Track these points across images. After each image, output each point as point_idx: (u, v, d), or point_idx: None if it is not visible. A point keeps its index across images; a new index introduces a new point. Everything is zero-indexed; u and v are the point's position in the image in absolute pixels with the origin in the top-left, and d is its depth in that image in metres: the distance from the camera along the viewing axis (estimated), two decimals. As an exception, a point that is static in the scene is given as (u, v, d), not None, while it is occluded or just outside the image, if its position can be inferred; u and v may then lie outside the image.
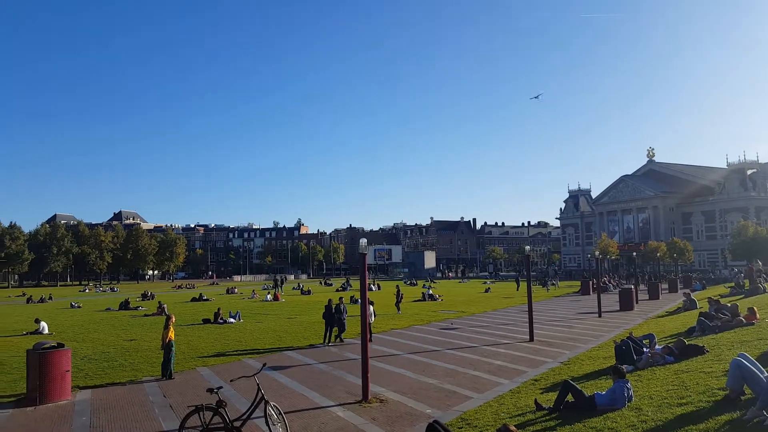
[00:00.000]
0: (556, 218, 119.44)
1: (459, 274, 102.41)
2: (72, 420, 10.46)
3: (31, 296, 51.54)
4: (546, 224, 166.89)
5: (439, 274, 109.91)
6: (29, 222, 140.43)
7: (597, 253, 36.00)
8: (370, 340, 19.41)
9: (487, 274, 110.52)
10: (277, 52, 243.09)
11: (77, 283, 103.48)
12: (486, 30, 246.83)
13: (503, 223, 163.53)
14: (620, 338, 14.83)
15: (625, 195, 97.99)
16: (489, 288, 54.52)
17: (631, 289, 33.30)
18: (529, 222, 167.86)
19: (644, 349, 13.57)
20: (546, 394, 11.25)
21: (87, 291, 71.14)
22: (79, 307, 39.92)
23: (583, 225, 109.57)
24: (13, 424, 10.25)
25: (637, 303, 32.47)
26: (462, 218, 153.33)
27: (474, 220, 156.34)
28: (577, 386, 10.21)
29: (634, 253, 54.27)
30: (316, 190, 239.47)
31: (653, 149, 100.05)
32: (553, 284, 54.94)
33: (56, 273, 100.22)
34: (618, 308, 30.54)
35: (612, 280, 55.57)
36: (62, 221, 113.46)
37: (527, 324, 20.19)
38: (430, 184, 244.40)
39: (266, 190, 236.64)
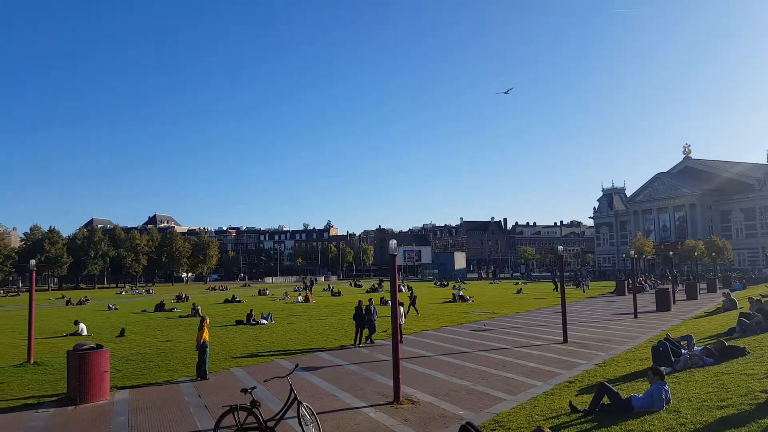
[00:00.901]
0: (590, 217, 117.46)
1: (490, 275, 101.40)
2: (111, 419, 10.72)
3: (70, 299, 53.09)
4: (579, 224, 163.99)
5: (473, 275, 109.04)
6: (67, 226, 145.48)
7: (632, 252, 35.21)
8: (401, 342, 19.40)
9: (518, 274, 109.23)
10: (307, 57, 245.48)
11: (114, 285, 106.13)
12: (519, 29, 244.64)
13: (535, 223, 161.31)
14: (657, 339, 14.53)
15: (661, 193, 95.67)
16: (521, 289, 53.81)
17: (668, 289, 32.55)
18: (561, 221, 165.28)
19: (682, 351, 13.25)
20: (581, 396, 11.06)
21: (123, 293, 72.92)
22: (116, 309, 40.96)
23: (617, 224, 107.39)
24: (55, 423, 10.55)
25: (674, 303, 31.73)
26: (492, 218, 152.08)
27: (505, 220, 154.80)
28: (613, 388, 10.01)
29: (671, 253, 52.94)
30: (346, 192, 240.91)
31: (689, 146, 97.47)
32: (585, 285, 53.93)
33: (94, 276, 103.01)
34: (654, 309, 29.86)
35: (648, 280, 54.30)
36: (99, 225, 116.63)
37: (560, 325, 19.87)
38: (460, 185, 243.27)
39: (296, 192, 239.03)
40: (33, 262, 19.11)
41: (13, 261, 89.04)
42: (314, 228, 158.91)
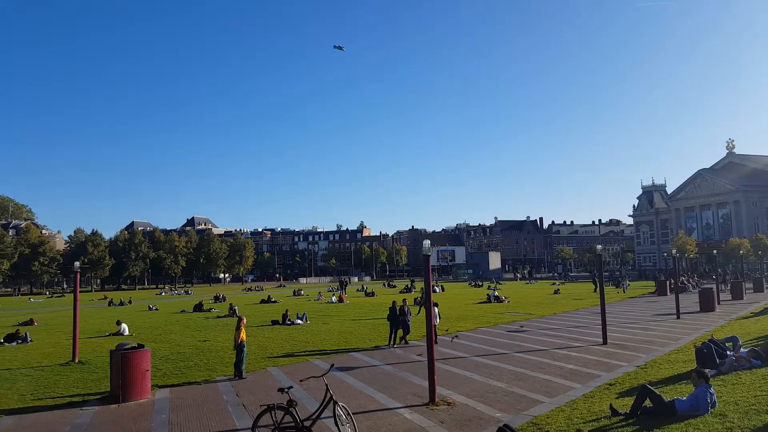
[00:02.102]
0: (629, 216, 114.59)
1: (525, 275, 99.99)
2: (152, 417, 10.97)
3: (112, 299, 54.71)
4: (618, 222, 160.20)
5: (508, 276, 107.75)
6: (109, 229, 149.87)
7: (674, 251, 34.13)
8: (436, 343, 19.30)
9: (555, 275, 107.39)
10: (336, 59, 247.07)
11: (154, 286, 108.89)
12: (557, 27, 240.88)
13: (572, 222, 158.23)
14: (701, 341, 14.09)
15: (704, 190, 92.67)
16: (558, 289, 52.82)
17: (711, 289, 31.55)
18: (599, 220, 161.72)
19: (728, 353, 12.82)
20: (622, 399, 10.80)
21: (163, 294, 74.72)
22: (156, 309, 42.02)
23: (658, 222, 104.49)
24: (99, 420, 10.86)
25: (718, 303, 30.77)
26: (528, 217, 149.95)
27: (541, 219, 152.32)
28: (656, 391, 9.74)
29: (715, 251, 51.25)
30: (378, 193, 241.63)
31: (733, 141, 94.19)
32: (625, 285, 52.61)
33: (135, 277, 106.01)
34: (698, 309, 28.97)
35: (691, 280, 52.73)
36: (139, 228, 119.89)
37: (600, 326, 19.42)
38: (494, 184, 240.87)
39: (329, 193, 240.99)
40: (77, 264, 19.75)
41: (58, 263, 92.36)
42: (347, 229, 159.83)
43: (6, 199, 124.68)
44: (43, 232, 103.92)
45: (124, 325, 25.70)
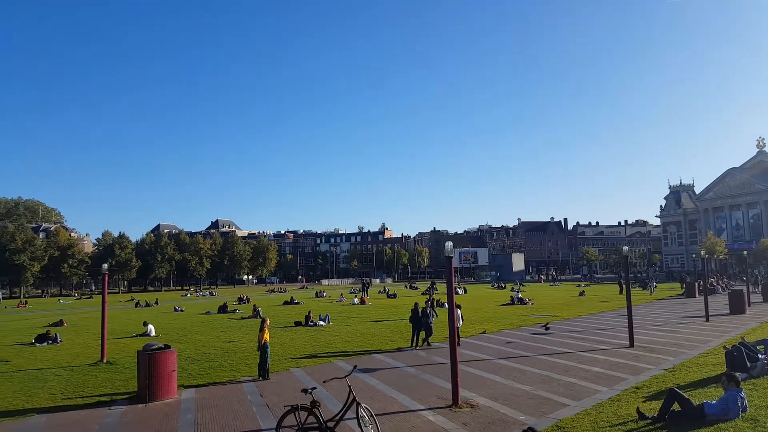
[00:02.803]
0: (656, 216, 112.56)
1: (550, 277, 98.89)
2: (178, 417, 11.12)
3: (138, 301, 55.69)
4: (645, 223, 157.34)
5: (532, 277, 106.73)
6: (136, 232, 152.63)
7: (703, 252, 33.41)
8: (459, 345, 19.20)
9: (580, 276, 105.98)
10: (361, 57, 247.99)
11: (179, 288, 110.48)
12: (581, 25, 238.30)
13: (597, 223, 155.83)
14: (731, 344, 13.78)
15: (733, 189, 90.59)
16: (583, 291, 52.07)
17: (742, 290, 30.82)
18: (626, 221, 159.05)
19: (759, 356, 12.53)
20: (649, 402, 10.62)
21: (188, 295, 75.75)
22: (181, 310, 42.64)
23: (686, 223, 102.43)
24: (127, 419, 11.06)
25: (749, 306, 30.07)
26: (552, 218, 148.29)
27: (565, 220, 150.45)
28: (684, 395, 9.56)
29: (745, 252, 50.03)
30: (400, 195, 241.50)
31: (763, 139, 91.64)
32: (652, 287, 51.68)
33: (161, 279, 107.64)
34: (728, 311, 28.32)
35: (720, 281, 51.51)
36: (165, 230, 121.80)
37: (626, 329, 19.10)
38: (517, 185, 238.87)
39: (351, 195, 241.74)
40: (105, 266, 20.14)
41: (86, 265, 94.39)
42: (369, 231, 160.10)
43: (36, 203, 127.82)
44: (72, 234, 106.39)
45: (150, 326, 26.12)
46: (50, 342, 23.42)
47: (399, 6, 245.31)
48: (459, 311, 20.23)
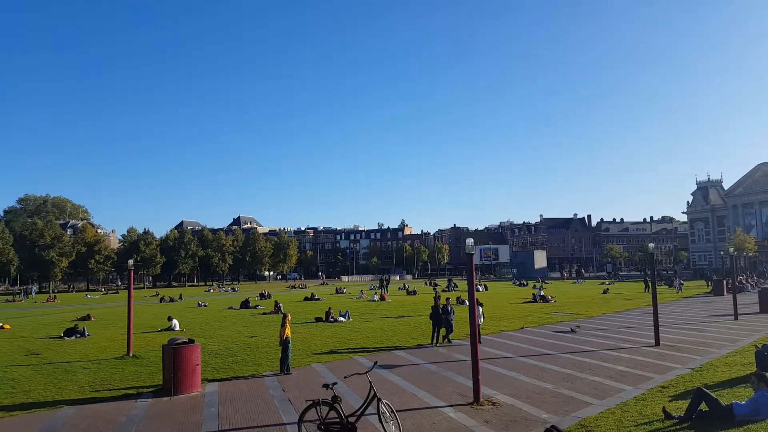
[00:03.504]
0: (683, 212, 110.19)
1: (573, 275, 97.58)
2: (202, 410, 11.27)
3: (163, 296, 56.56)
4: (671, 219, 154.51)
5: (555, 275, 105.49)
6: (160, 228, 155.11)
7: (731, 249, 32.65)
8: (480, 342, 19.08)
9: (604, 274, 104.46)
10: (383, 54, 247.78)
11: (202, 283, 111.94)
12: (611, 19, 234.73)
13: (622, 219, 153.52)
14: (761, 343, 13.46)
15: (764, 185, 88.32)
16: (607, 289, 51.35)
17: (772, 289, 30.00)
18: (651, 217, 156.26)
19: (792, 356, 12.16)
20: (675, 402, 10.44)
21: (211, 291, 76.74)
22: (205, 305, 43.18)
23: (714, 219, 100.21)
24: (153, 412, 11.24)
25: (780, 304, 29.21)
26: (575, 215, 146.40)
27: (589, 216, 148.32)
28: (712, 394, 9.37)
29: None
30: (420, 191, 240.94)
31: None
32: (679, 284, 50.68)
33: (184, 274, 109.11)
34: (757, 310, 27.73)
35: (749, 279, 50.36)
36: (188, 227, 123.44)
37: (652, 327, 18.79)
38: (539, 181, 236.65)
39: (371, 192, 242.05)
40: (131, 261, 20.48)
41: (112, 261, 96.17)
42: (389, 227, 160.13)
43: (64, 200, 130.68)
44: (99, 231, 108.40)
45: (175, 321, 26.51)
46: (78, 336, 23.91)
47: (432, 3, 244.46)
48: (480, 309, 20.12)
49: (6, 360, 18.05)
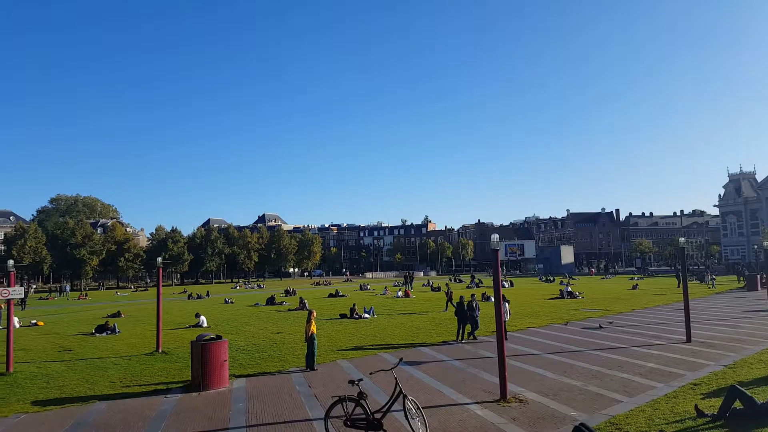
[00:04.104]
0: (714, 205, 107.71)
1: (601, 270, 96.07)
2: (230, 406, 11.41)
3: (191, 293, 57.44)
4: (702, 213, 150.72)
5: (582, 270, 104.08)
6: (187, 226, 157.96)
7: (765, 243, 31.74)
8: (506, 339, 18.90)
9: (633, 269, 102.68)
10: (399, 52, 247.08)
11: (229, 280, 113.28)
12: (643, 12, 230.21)
13: (651, 213, 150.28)
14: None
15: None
16: (637, 284, 50.38)
17: (809, 284, 29.10)
18: (681, 211, 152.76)
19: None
20: (708, 400, 10.21)
21: (237, 288, 77.60)
22: (231, 302, 43.73)
23: (747, 212, 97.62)
24: (182, 407, 11.42)
25: (817, 300, 28.34)
26: (603, 209, 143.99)
27: (617, 210, 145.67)
28: (747, 392, 9.12)
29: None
30: (443, 187, 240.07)
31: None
32: (711, 280, 49.50)
33: (211, 272, 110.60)
34: (793, 306, 26.84)
35: (784, 275, 48.79)
36: (215, 225, 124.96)
37: (683, 323, 18.40)
38: (565, 175, 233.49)
39: (394, 188, 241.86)
40: (159, 259, 20.84)
41: (141, 259, 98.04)
42: (412, 223, 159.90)
43: (94, 200, 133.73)
44: (128, 229, 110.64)
45: (202, 318, 26.88)
46: (109, 332, 24.43)
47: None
48: (507, 305, 19.96)
49: (41, 356, 18.55)
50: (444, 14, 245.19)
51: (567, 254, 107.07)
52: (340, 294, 47.89)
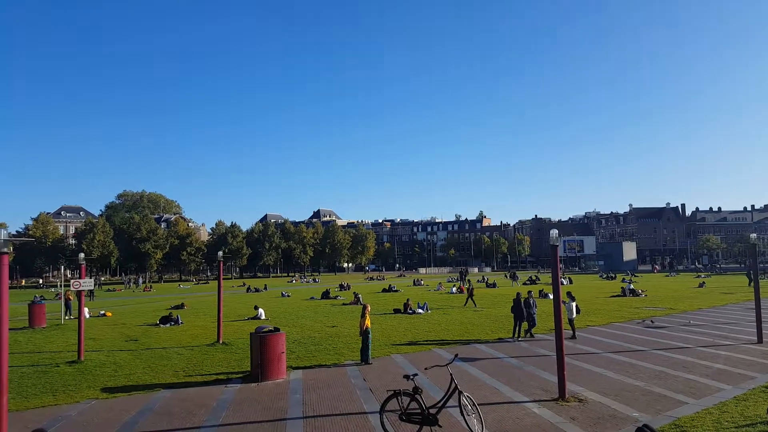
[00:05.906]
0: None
1: (666, 267, 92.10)
2: (288, 396, 11.68)
3: (249, 286, 59.12)
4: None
5: (645, 267, 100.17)
6: (246, 221, 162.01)
7: None
8: (574, 337, 18.47)
9: (700, 266, 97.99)
10: (447, 45, 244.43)
11: (285, 274, 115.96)
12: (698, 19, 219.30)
13: (719, 208, 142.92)
14: None
15: None
16: (704, 282, 47.98)
17: None
18: (752, 205, 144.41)
19: None
20: (783, 405, 9.59)
21: (293, 282, 79.35)
22: (288, 296, 44.72)
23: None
24: (241, 397, 11.79)
25: None
26: (668, 204, 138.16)
27: (683, 205, 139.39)
28: (829, 399, 8.54)
29: None
30: (498, 182, 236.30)
31: None
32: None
33: (268, 266, 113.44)
34: None
35: None
36: (272, 220, 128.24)
37: (754, 323, 17.42)
38: (628, 169, 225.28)
39: (448, 183, 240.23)
40: (220, 253, 21.60)
41: (202, 253, 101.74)
42: (466, 219, 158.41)
43: (158, 196, 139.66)
44: (190, 224, 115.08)
45: (261, 310, 27.62)
46: (172, 323, 25.47)
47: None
48: (574, 303, 19.49)
49: (109, 345, 19.59)
50: (513, 10, 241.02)
51: (629, 251, 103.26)
52: (394, 289, 48.09)
